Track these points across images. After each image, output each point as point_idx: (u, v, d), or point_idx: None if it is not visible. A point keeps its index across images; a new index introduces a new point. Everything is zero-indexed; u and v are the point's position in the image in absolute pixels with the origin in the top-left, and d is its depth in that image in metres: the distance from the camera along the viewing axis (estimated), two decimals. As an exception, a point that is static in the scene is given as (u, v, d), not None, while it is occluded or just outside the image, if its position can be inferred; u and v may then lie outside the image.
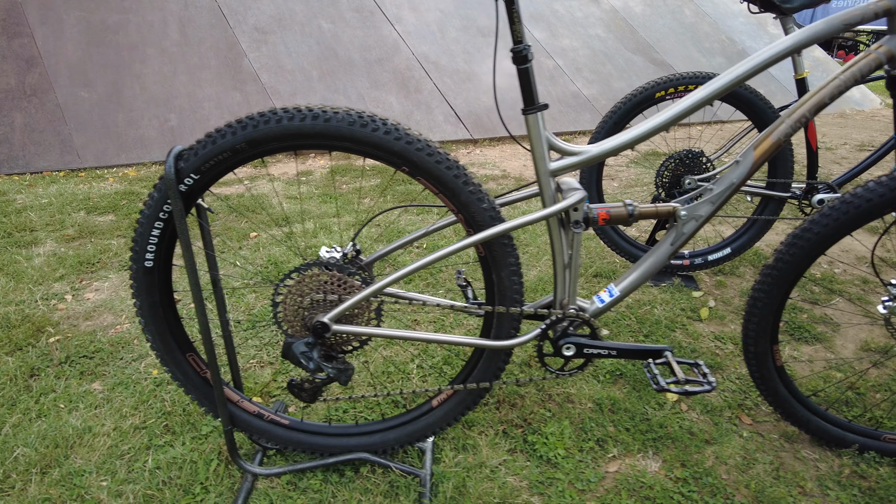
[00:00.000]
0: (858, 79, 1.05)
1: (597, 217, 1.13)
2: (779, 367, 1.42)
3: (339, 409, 1.59)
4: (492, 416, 1.56)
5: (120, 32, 4.12)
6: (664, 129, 1.08)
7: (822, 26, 1.02)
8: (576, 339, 1.21)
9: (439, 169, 1.08)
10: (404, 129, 1.08)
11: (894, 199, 1.15)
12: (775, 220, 2.23)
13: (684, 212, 1.13)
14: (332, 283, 1.18)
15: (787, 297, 1.32)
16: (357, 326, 1.19)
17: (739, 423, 1.57)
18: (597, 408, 1.60)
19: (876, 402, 1.64)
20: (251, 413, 1.38)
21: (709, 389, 1.16)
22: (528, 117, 1.09)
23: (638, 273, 1.19)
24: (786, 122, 1.08)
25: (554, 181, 1.12)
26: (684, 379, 1.14)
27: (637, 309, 2.10)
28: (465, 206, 1.11)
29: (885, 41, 1.03)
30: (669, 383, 1.16)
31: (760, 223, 2.22)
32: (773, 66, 1.63)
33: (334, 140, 1.08)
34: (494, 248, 1.15)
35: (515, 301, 1.20)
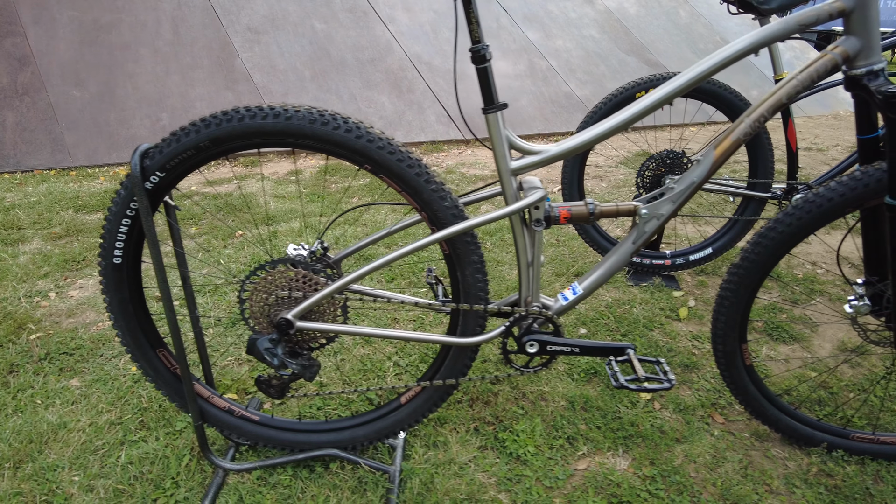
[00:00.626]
0: (815, 79, 1.06)
1: (558, 216, 1.14)
2: (748, 366, 1.43)
3: (314, 406, 1.60)
4: (465, 413, 1.57)
5: (113, 32, 4.14)
6: (623, 128, 1.09)
7: (779, 27, 1.03)
8: (539, 337, 1.22)
9: (400, 167, 1.09)
10: (366, 127, 1.09)
11: (854, 198, 1.16)
12: (756, 221, 2.24)
13: (645, 210, 1.13)
14: (297, 280, 1.19)
15: (754, 296, 1.33)
16: (321, 323, 1.20)
17: (712, 422, 1.58)
18: (569, 406, 1.61)
19: (848, 401, 1.65)
20: (222, 409, 1.39)
21: (668, 387, 1.17)
22: (487, 116, 1.10)
23: (601, 271, 1.20)
24: (745, 122, 1.08)
25: (516, 180, 1.13)
26: (644, 376, 1.15)
27: (616, 308, 2.10)
28: (427, 204, 1.12)
29: (840, 42, 1.04)
30: (628, 380, 1.17)
31: (741, 223, 2.23)
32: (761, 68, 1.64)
33: (296, 138, 1.09)
34: (458, 245, 1.16)
35: (480, 298, 1.21)
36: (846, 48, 1.03)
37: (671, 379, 1.17)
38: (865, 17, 1.00)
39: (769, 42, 1.04)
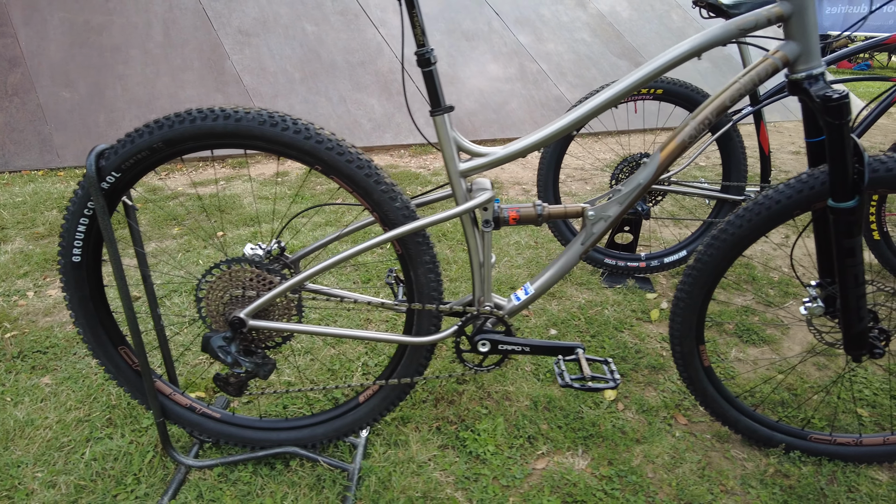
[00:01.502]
0: (757, 82, 1.08)
1: (507, 217, 1.16)
2: (706, 367, 1.44)
3: (280, 405, 1.61)
4: (428, 412, 1.59)
5: (104, 33, 4.16)
6: (567, 131, 1.11)
7: (719, 31, 1.05)
8: (490, 336, 1.23)
9: (350, 168, 1.11)
10: (315, 128, 1.10)
11: (801, 200, 1.17)
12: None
13: (592, 212, 1.15)
14: (251, 279, 1.20)
15: (709, 298, 1.35)
16: (274, 322, 1.21)
17: (674, 423, 1.59)
18: (532, 405, 1.62)
19: (804, 401, 1.66)
20: (183, 406, 1.40)
21: (613, 386, 1.18)
22: (435, 119, 1.12)
23: (552, 272, 1.22)
24: (689, 125, 1.10)
25: (465, 182, 1.15)
26: (590, 375, 1.16)
27: (588, 310, 2.12)
28: (378, 204, 1.14)
29: (780, 46, 1.05)
30: (574, 379, 1.18)
31: (716, 226, 2.24)
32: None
33: (246, 139, 1.11)
34: (409, 245, 1.18)
35: (433, 298, 1.22)
36: (786, 53, 1.04)
37: (616, 379, 1.19)
38: (803, 23, 1.02)
39: (710, 46, 1.05)
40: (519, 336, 1.90)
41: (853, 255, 1.14)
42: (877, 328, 1.28)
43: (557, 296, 2.22)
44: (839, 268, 1.17)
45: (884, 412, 1.63)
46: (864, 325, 1.23)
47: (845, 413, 1.63)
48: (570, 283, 2.32)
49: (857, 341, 1.25)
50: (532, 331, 1.98)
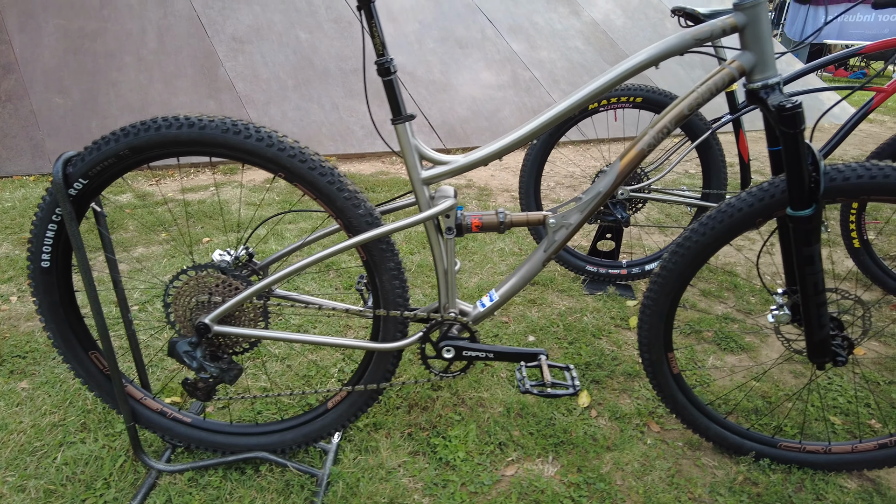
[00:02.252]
0: (714, 92, 1.09)
1: (470, 224, 1.17)
2: (676, 375, 1.45)
3: (253, 410, 1.62)
4: (401, 419, 1.59)
5: (98, 40, 4.20)
6: (525, 142, 1.12)
7: (675, 41, 1.06)
8: (455, 342, 1.24)
9: (312, 175, 1.12)
10: (278, 136, 1.12)
11: (762, 208, 1.18)
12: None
13: (553, 220, 1.16)
14: (216, 284, 1.21)
15: (675, 306, 1.35)
16: (240, 328, 1.22)
17: (647, 431, 1.59)
18: (506, 412, 1.62)
19: (784, 410, 1.66)
20: (154, 410, 1.41)
21: (572, 393, 1.19)
22: (396, 127, 1.13)
23: (516, 279, 1.23)
24: (648, 134, 1.11)
25: (428, 189, 1.16)
26: (550, 382, 1.17)
27: (567, 316, 2.12)
28: (341, 211, 1.15)
29: (736, 56, 1.06)
30: (533, 386, 1.19)
31: (695, 234, 2.25)
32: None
33: (211, 147, 1.12)
34: (374, 252, 1.19)
35: (399, 304, 1.23)
36: (742, 63, 1.06)
37: (576, 385, 1.19)
38: (757, 34, 1.03)
39: (667, 56, 1.07)
40: (487, 342, 1.92)
41: (812, 262, 1.15)
42: (840, 336, 1.29)
43: (538, 302, 2.23)
44: (799, 276, 1.18)
45: (857, 420, 1.63)
46: (826, 333, 1.23)
47: (819, 421, 1.63)
48: (551, 290, 2.33)
49: (819, 349, 1.26)
50: (510, 337, 1.99)
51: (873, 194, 1.12)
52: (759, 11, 1.02)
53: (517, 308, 2.18)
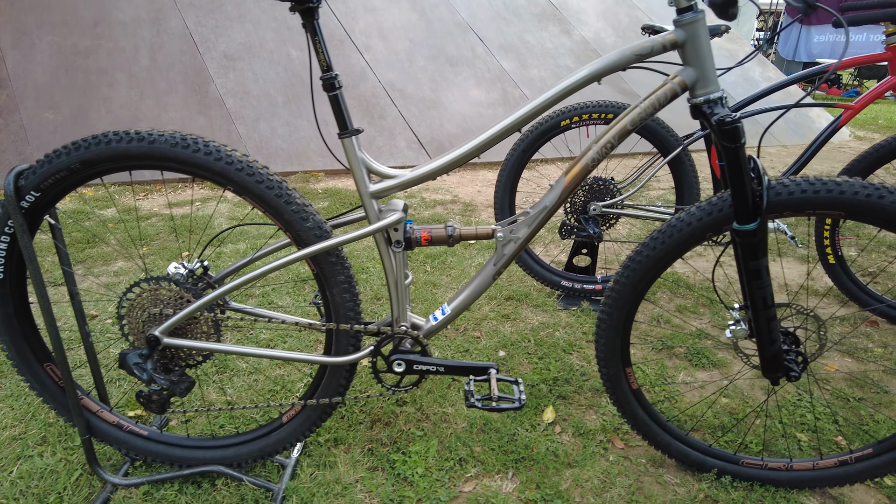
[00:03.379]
0: (657, 107, 1.10)
1: (419, 238, 1.17)
2: (635, 390, 1.44)
3: (216, 424, 1.61)
4: (363, 434, 1.58)
5: (90, 57, 4.25)
6: (470, 157, 1.13)
7: (616, 57, 1.07)
8: (405, 356, 1.24)
9: (260, 188, 1.13)
10: (226, 150, 1.13)
11: (711, 223, 1.18)
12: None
13: (501, 234, 1.16)
14: (169, 297, 1.22)
15: (631, 320, 1.35)
16: (190, 340, 1.22)
17: (610, 447, 1.58)
18: (469, 427, 1.61)
19: (751, 426, 1.65)
20: (111, 423, 1.41)
21: (518, 407, 1.18)
22: (343, 141, 1.14)
23: (467, 292, 1.23)
24: (592, 149, 1.12)
25: (377, 202, 1.17)
26: (497, 396, 1.16)
27: (540, 331, 2.12)
28: (289, 224, 1.16)
29: (678, 72, 1.08)
30: (479, 399, 1.18)
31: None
32: None
33: (161, 161, 1.13)
34: (323, 265, 1.19)
35: (350, 318, 1.23)
36: (684, 78, 1.07)
37: (522, 400, 1.19)
38: (697, 49, 1.04)
39: (608, 72, 1.08)
40: (458, 357, 1.91)
41: (759, 276, 1.15)
42: (794, 350, 1.28)
43: (512, 317, 2.22)
44: (748, 290, 1.18)
45: (823, 437, 1.62)
46: (777, 348, 1.23)
47: (787, 437, 1.62)
48: (525, 305, 2.32)
49: (771, 364, 1.25)
50: (481, 352, 1.98)
51: (819, 208, 1.13)
52: (697, 28, 1.03)
53: (490, 323, 2.18)
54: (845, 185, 1.10)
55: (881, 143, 2.03)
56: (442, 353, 1.97)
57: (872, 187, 1.09)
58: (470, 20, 5.62)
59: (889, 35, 1.91)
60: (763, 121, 6.03)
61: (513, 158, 2.20)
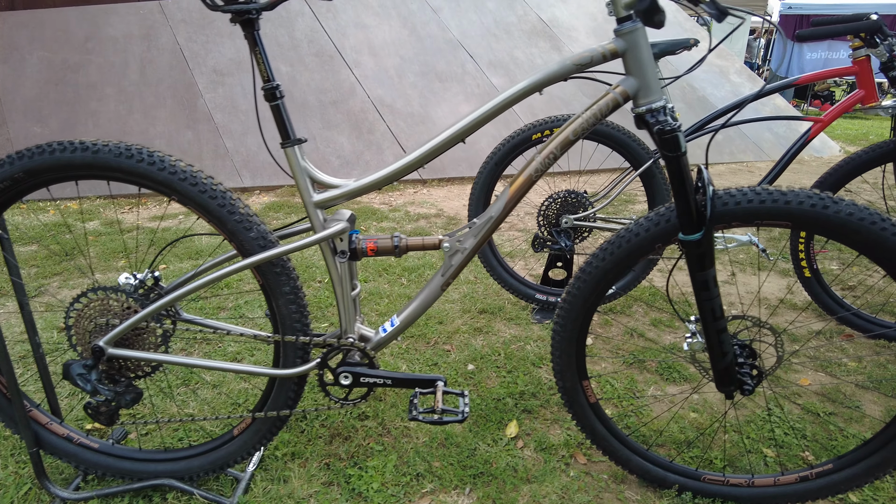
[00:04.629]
0: (599, 118, 1.10)
1: (365, 248, 1.16)
2: (593, 404, 1.42)
3: (175, 437, 1.59)
4: (321, 448, 1.56)
5: (80, 71, 4.29)
6: (411, 169, 1.12)
7: (556, 68, 1.07)
8: (352, 369, 1.22)
9: (203, 198, 1.12)
10: (170, 160, 1.13)
11: (659, 233, 1.17)
12: (658, 259, 2.25)
13: (447, 244, 1.16)
14: (115, 307, 1.21)
15: (585, 332, 1.34)
16: (135, 351, 1.21)
17: (572, 462, 1.55)
18: (429, 441, 1.59)
19: (716, 441, 1.62)
20: (60, 436, 1.39)
21: (460, 419, 1.16)
22: (286, 151, 1.14)
23: (415, 304, 1.21)
24: (536, 160, 1.12)
25: (322, 212, 1.16)
26: (440, 409, 1.15)
27: (511, 345, 2.10)
28: (233, 234, 1.15)
29: (620, 81, 1.07)
30: (421, 412, 1.16)
31: (644, 262, 2.24)
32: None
33: (105, 171, 1.13)
34: (268, 276, 1.18)
35: (296, 329, 1.22)
36: (625, 88, 1.07)
37: (465, 412, 1.17)
38: (638, 59, 1.04)
39: (549, 82, 1.08)
40: (426, 371, 1.89)
41: (707, 288, 1.14)
42: (748, 363, 1.26)
43: (484, 331, 2.21)
44: (697, 301, 1.17)
45: (790, 452, 1.59)
46: (729, 361, 1.21)
47: (753, 453, 1.59)
48: (499, 319, 2.31)
49: (724, 377, 1.24)
50: (450, 366, 1.96)
51: (766, 219, 1.12)
52: (637, 37, 1.03)
53: (462, 336, 2.16)
54: (791, 196, 1.10)
55: (852, 156, 2.03)
56: (410, 366, 1.95)
57: (818, 197, 1.09)
58: (460, 37, 5.67)
59: (855, 49, 1.92)
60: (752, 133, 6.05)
61: (485, 172, 2.20)
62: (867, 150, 2.00)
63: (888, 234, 1.06)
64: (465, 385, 1.86)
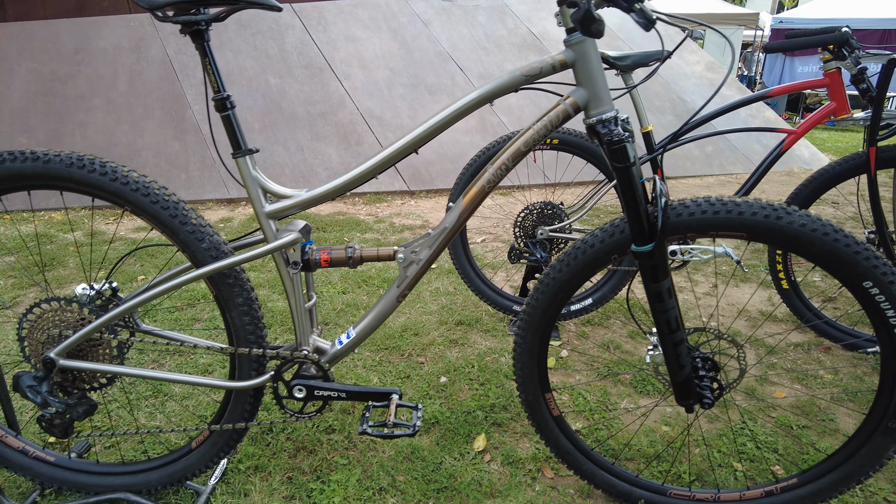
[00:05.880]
0: (550, 128, 1.10)
1: (318, 259, 1.15)
2: (556, 417, 1.40)
3: (140, 450, 1.57)
4: (285, 462, 1.54)
5: (69, 83, 4.30)
6: (364, 179, 1.12)
7: (507, 78, 1.07)
8: (306, 382, 1.21)
9: (155, 209, 1.12)
10: (123, 171, 1.12)
11: (614, 245, 1.17)
12: (636, 272, 2.24)
13: (402, 255, 1.15)
14: (71, 318, 1.20)
15: (545, 345, 1.33)
16: (87, 363, 1.19)
17: (539, 477, 1.53)
18: (395, 455, 1.57)
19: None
20: (15, 449, 1.37)
21: (410, 433, 1.15)
22: (237, 161, 1.13)
23: (371, 317, 1.20)
24: (489, 171, 1.11)
25: (274, 223, 1.16)
26: (392, 423, 1.13)
27: (485, 357, 2.09)
28: (185, 245, 1.14)
29: (571, 92, 1.07)
30: (371, 426, 1.15)
31: (619, 274, 2.23)
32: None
33: (57, 181, 1.12)
34: (220, 287, 1.17)
35: (251, 341, 1.21)
36: (576, 98, 1.07)
37: (416, 426, 1.16)
38: (587, 70, 1.04)
39: (499, 93, 1.08)
40: (396, 385, 1.88)
41: (661, 300, 1.13)
42: (709, 376, 1.25)
43: (460, 342, 2.19)
44: (652, 313, 1.16)
45: (761, 466, 1.58)
46: (687, 374, 1.20)
47: (723, 467, 1.58)
48: (475, 330, 2.29)
49: (682, 391, 1.22)
50: (423, 378, 1.95)
51: (721, 230, 1.11)
52: (586, 48, 1.03)
53: (437, 348, 2.15)
54: (745, 207, 1.09)
55: (825, 168, 2.03)
56: (382, 378, 1.94)
57: (771, 208, 1.08)
58: (450, 50, 5.71)
59: (825, 62, 1.93)
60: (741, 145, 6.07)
61: (460, 184, 2.20)
62: (840, 161, 2.00)
63: (840, 246, 1.06)
64: (436, 398, 1.84)
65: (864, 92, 1.89)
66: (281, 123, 4.60)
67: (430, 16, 5.98)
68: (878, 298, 1.08)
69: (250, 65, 4.90)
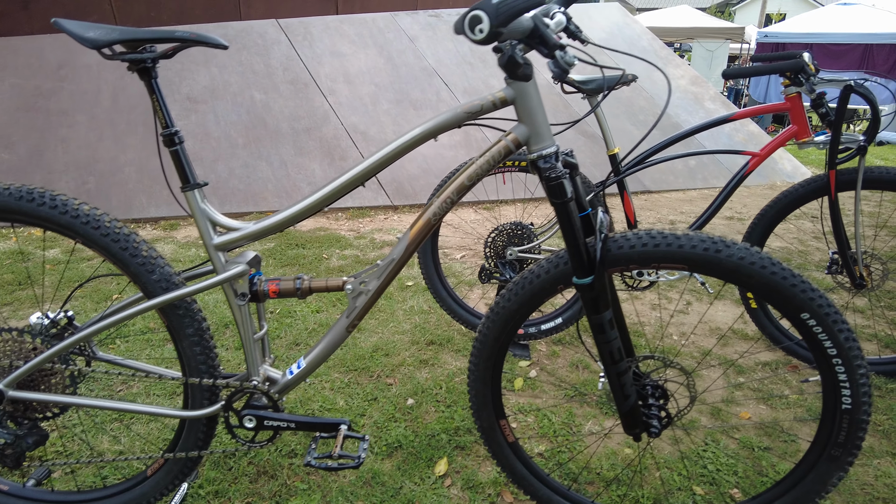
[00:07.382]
0: (492, 163, 1.12)
1: (266, 290, 1.17)
2: (511, 443, 1.41)
3: (99, 477, 1.57)
4: (245, 487, 1.54)
5: (52, 98, 4.31)
6: (315, 209, 1.14)
7: (449, 115, 1.09)
8: (256, 412, 1.22)
9: (105, 241, 1.13)
10: (73, 204, 1.13)
11: (560, 275, 1.19)
12: None
13: (350, 286, 1.16)
14: (22, 348, 1.20)
15: (499, 372, 1.34)
16: (38, 393, 1.20)
17: (499, 501, 1.54)
18: (356, 480, 1.58)
19: (648, 479, 1.62)
20: (-31, 479, 1.37)
21: (354, 465, 1.16)
22: (186, 195, 1.15)
23: (321, 347, 1.22)
24: (434, 204, 1.13)
25: (223, 255, 1.17)
26: (338, 454, 1.14)
27: (454, 377, 2.10)
28: (136, 276, 1.15)
29: (513, 129, 1.09)
30: (316, 458, 1.16)
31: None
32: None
33: (7, 213, 1.14)
34: (171, 317, 1.18)
35: (202, 371, 1.22)
36: (517, 135, 1.09)
37: (360, 458, 1.17)
38: (527, 107, 1.06)
39: (441, 129, 1.10)
40: (363, 406, 1.88)
41: (603, 331, 1.15)
42: (657, 405, 1.27)
43: (430, 363, 2.20)
44: (596, 344, 1.18)
45: (720, 489, 1.59)
46: (632, 404, 1.22)
47: (683, 490, 1.59)
48: (446, 350, 2.31)
49: (628, 420, 1.24)
50: (389, 400, 1.95)
51: (664, 262, 1.13)
52: (526, 86, 1.05)
53: (407, 369, 2.16)
54: (684, 240, 1.11)
55: (788, 190, 2.06)
56: (349, 401, 1.94)
57: (710, 241, 1.10)
58: (436, 65, 5.75)
59: (786, 87, 1.96)
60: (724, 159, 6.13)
61: (431, 204, 2.22)
62: (803, 183, 2.03)
63: (777, 279, 1.08)
64: (401, 420, 1.85)
65: (823, 116, 1.92)
66: (265, 139, 4.62)
67: (416, 31, 6.03)
68: (815, 330, 1.10)
69: (235, 80, 4.92)
